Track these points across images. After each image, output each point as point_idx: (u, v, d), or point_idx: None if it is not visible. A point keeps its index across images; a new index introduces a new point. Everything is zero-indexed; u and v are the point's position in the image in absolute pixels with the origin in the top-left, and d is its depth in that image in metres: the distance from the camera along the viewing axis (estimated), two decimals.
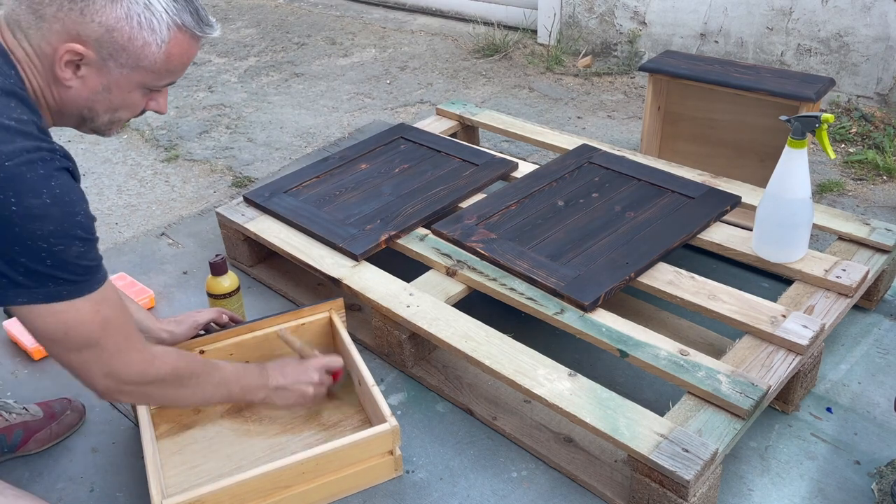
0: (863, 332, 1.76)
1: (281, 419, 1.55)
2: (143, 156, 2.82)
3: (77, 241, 1.03)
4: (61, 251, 1.01)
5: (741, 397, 1.33)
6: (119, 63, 1.07)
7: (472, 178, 2.04)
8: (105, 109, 1.12)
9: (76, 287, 1.06)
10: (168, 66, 1.11)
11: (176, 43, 1.10)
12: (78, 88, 1.08)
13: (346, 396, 1.60)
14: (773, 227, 1.64)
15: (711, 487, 1.29)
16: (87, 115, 1.13)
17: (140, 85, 1.12)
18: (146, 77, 1.11)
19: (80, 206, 1.04)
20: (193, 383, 1.28)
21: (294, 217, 1.92)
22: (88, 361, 1.12)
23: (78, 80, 1.07)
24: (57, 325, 1.07)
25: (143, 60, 1.08)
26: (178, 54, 1.11)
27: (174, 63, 1.12)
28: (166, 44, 1.09)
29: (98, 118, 1.13)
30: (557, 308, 1.57)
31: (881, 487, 1.38)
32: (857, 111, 2.73)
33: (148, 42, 1.07)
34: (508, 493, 1.41)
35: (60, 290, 1.05)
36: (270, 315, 1.64)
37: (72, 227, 1.02)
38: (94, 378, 1.15)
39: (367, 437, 1.37)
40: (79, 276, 1.06)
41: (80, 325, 1.08)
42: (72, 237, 1.02)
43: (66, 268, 1.03)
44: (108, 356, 1.13)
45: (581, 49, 3.51)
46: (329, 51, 3.81)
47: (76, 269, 1.05)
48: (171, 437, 1.51)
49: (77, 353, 1.11)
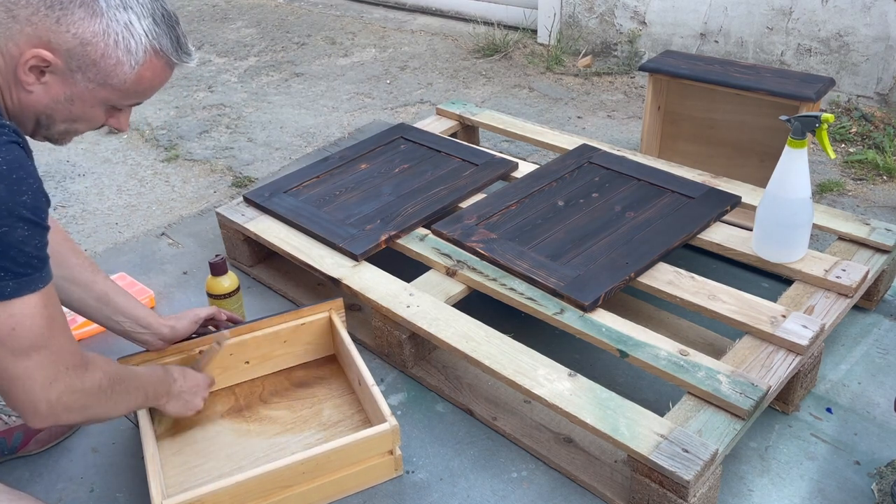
0: (863, 332, 1.76)
1: (281, 419, 1.55)
2: (143, 156, 2.82)
3: (21, 222, 0.96)
4: (4, 234, 0.94)
5: (741, 397, 1.33)
6: (87, 77, 1.04)
7: (472, 178, 2.04)
8: (63, 119, 1.09)
9: (22, 283, 0.99)
10: (137, 87, 1.09)
11: (149, 67, 1.08)
12: (39, 94, 1.04)
13: (345, 396, 1.61)
14: (773, 227, 1.64)
15: (711, 488, 1.29)
16: (44, 122, 1.09)
17: (104, 101, 1.09)
18: (112, 95, 1.08)
19: (29, 183, 0.97)
20: (120, 391, 1.21)
21: (294, 217, 1.92)
22: (33, 368, 1.03)
23: (40, 86, 1.04)
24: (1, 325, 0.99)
25: (112, 79, 1.06)
26: (149, 78, 1.09)
27: (143, 86, 1.09)
28: (139, 66, 1.06)
29: (54, 126, 1.10)
30: (557, 308, 1.57)
31: (881, 487, 1.38)
32: (857, 111, 2.72)
33: (121, 62, 1.05)
34: (508, 494, 1.41)
35: (5, 287, 0.97)
36: (270, 315, 1.64)
37: (17, 207, 0.95)
38: (35, 391, 1.04)
39: (367, 436, 1.37)
40: (24, 269, 0.99)
41: (28, 325, 1.01)
42: (16, 217, 0.95)
43: (9, 255, 0.96)
44: (54, 359, 1.05)
45: (581, 49, 3.51)
46: (329, 51, 3.81)
47: (20, 258, 0.98)
48: (171, 437, 1.51)
49: (23, 359, 1.02)
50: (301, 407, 1.59)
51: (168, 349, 1.52)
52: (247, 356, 1.62)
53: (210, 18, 4.40)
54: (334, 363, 1.70)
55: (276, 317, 1.63)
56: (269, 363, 1.66)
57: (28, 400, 1.05)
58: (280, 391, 1.63)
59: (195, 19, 4.39)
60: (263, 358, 1.65)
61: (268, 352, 1.64)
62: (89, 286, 1.40)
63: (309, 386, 1.64)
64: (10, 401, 1.06)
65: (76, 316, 1.86)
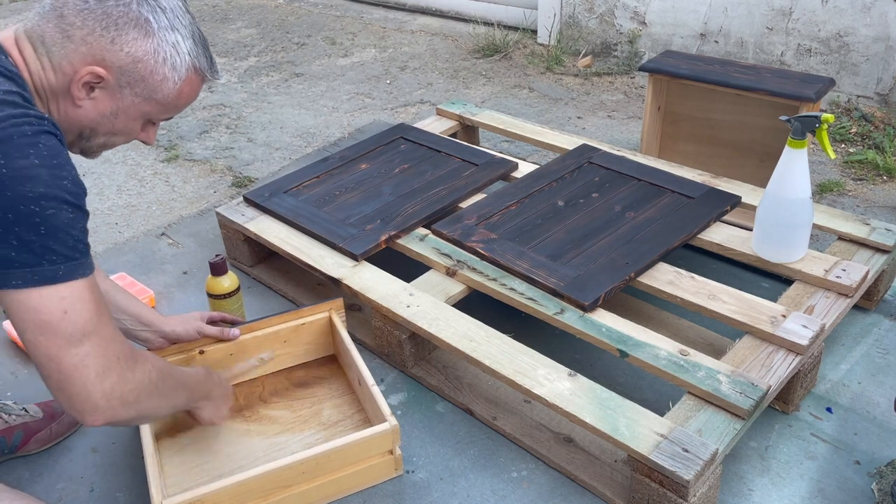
0: (863, 332, 1.76)
1: (281, 419, 1.55)
2: (143, 156, 2.82)
3: (66, 205, 1.00)
4: (52, 216, 0.98)
5: (741, 397, 1.33)
6: (135, 92, 1.11)
7: (472, 178, 2.04)
8: (105, 132, 1.15)
9: (72, 267, 1.02)
10: (177, 102, 1.16)
11: (188, 83, 1.15)
12: (87, 109, 1.10)
13: (345, 396, 1.61)
14: (773, 227, 1.64)
15: (711, 487, 1.29)
16: (86, 135, 1.14)
17: (145, 115, 1.15)
18: (154, 109, 1.15)
19: (68, 170, 1.02)
20: (169, 385, 1.22)
21: (294, 217, 1.92)
22: (86, 356, 1.03)
23: (89, 101, 1.10)
24: (53, 309, 1.00)
25: (157, 94, 1.13)
26: (188, 93, 1.17)
27: (182, 100, 1.17)
28: (181, 82, 1.14)
29: (95, 139, 1.16)
30: (557, 308, 1.57)
31: (881, 487, 1.38)
32: (857, 111, 2.73)
33: (167, 78, 1.12)
34: (508, 493, 1.41)
35: (56, 270, 1.00)
36: (270, 315, 1.64)
37: (60, 190, 0.99)
38: (91, 380, 1.04)
39: (367, 436, 1.37)
40: (73, 253, 1.02)
41: (79, 308, 1.03)
42: (60, 200, 0.99)
43: (58, 237, 0.99)
44: (105, 346, 1.06)
45: (581, 49, 3.51)
46: (329, 51, 3.81)
47: (68, 241, 1.01)
48: (171, 437, 1.51)
49: (76, 347, 1.03)
50: (301, 407, 1.59)
51: (168, 348, 1.53)
52: (247, 356, 1.62)
53: (210, 19, 4.40)
54: (334, 363, 1.70)
55: (276, 317, 1.63)
56: (268, 363, 1.66)
57: (84, 393, 1.04)
58: (280, 391, 1.63)
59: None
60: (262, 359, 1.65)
61: (267, 352, 1.65)
62: None
63: (309, 386, 1.64)
64: (64, 397, 1.04)
65: None
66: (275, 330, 1.63)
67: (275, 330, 1.63)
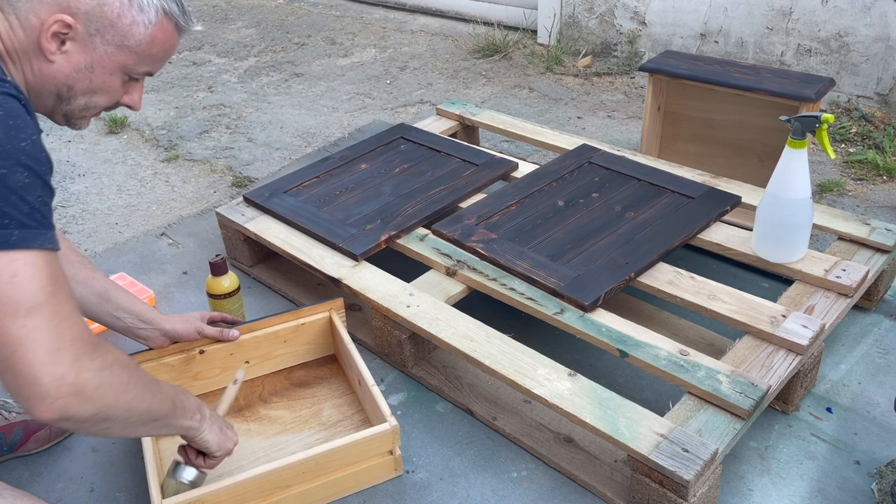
0: (863, 332, 1.76)
1: (281, 419, 1.55)
2: (143, 156, 2.82)
3: (21, 167, 0.94)
4: (4, 175, 0.92)
5: (741, 397, 1.33)
6: (105, 40, 1.08)
7: (472, 178, 2.04)
8: (84, 90, 1.11)
9: (28, 235, 0.95)
10: (151, 49, 1.12)
11: (161, 28, 1.12)
12: (60, 64, 1.07)
13: (345, 396, 1.61)
14: (773, 227, 1.64)
15: (711, 487, 1.29)
16: (65, 95, 1.10)
17: (122, 67, 1.11)
18: (129, 58, 1.11)
19: (28, 133, 0.97)
20: (139, 382, 1.08)
21: (294, 217, 1.92)
22: (34, 328, 0.93)
23: (62, 56, 1.07)
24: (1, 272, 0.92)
25: (128, 39, 1.09)
26: (162, 40, 1.13)
27: (157, 48, 1.13)
28: (152, 25, 1.10)
29: (75, 99, 1.11)
30: (557, 308, 1.57)
31: (881, 487, 1.38)
32: (857, 111, 2.73)
33: (136, 21, 1.09)
34: (508, 493, 1.41)
35: (8, 234, 0.93)
36: (270, 315, 1.64)
37: (15, 151, 0.94)
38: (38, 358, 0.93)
39: (367, 436, 1.37)
40: (28, 221, 0.95)
41: (30, 275, 0.94)
42: (14, 161, 0.94)
43: (9, 199, 0.93)
44: (58, 322, 0.95)
45: (581, 49, 3.51)
46: (329, 51, 3.81)
47: (22, 206, 0.94)
48: (171, 437, 1.51)
49: (23, 318, 0.92)
50: (301, 407, 1.59)
51: (168, 348, 1.53)
52: (247, 356, 1.62)
53: (210, 19, 4.40)
54: (334, 363, 1.70)
55: (276, 317, 1.63)
56: (269, 363, 1.66)
57: (31, 374, 0.92)
58: (280, 391, 1.63)
59: (195, 19, 4.38)
60: (263, 358, 1.65)
61: (268, 352, 1.64)
62: (89, 283, 1.40)
63: (309, 386, 1.64)
64: (11, 377, 0.93)
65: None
66: (274, 330, 1.63)
67: (274, 330, 1.63)
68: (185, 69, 3.66)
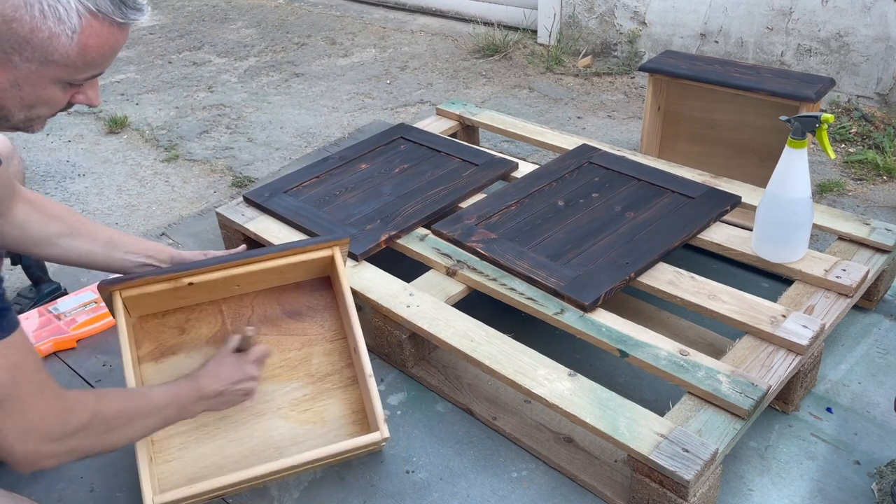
0: (863, 332, 1.76)
1: (267, 365, 1.49)
2: (143, 156, 2.82)
3: None
4: None
5: (741, 397, 1.33)
6: (25, 58, 0.95)
7: (472, 178, 2.04)
8: (18, 107, 1.00)
9: None
10: (85, 58, 0.98)
11: (91, 33, 0.97)
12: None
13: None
14: (773, 227, 1.64)
15: (711, 487, 1.29)
16: (2, 113, 1.01)
17: (55, 80, 0.99)
18: (60, 72, 0.98)
19: None
20: (122, 423, 1.14)
21: (294, 217, 1.92)
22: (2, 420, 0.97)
23: None
24: None
25: (52, 54, 0.95)
26: (96, 45, 0.98)
27: (92, 55, 0.99)
28: (78, 34, 0.95)
29: (12, 116, 1.01)
30: (557, 308, 1.57)
31: (881, 487, 1.38)
32: (857, 111, 2.73)
33: (55, 33, 0.94)
34: (508, 493, 1.41)
35: None
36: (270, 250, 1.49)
37: None
38: (9, 442, 0.98)
39: (360, 444, 1.36)
40: None
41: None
42: None
43: None
44: (22, 409, 0.98)
45: (581, 49, 3.51)
46: (329, 51, 3.81)
47: None
48: (171, 438, 1.50)
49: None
50: (290, 346, 1.52)
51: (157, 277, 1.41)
52: (253, 286, 1.53)
53: (210, 19, 4.40)
54: (328, 289, 1.59)
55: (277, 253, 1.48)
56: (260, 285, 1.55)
57: (4, 447, 1.00)
58: (270, 318, 1.54)
59: (195, 19, 4.39)
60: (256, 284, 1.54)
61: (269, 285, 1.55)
62: (94, 235, 1.42)
63: (301, 318, 1.55)
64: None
65: (75, 317, 1.87)
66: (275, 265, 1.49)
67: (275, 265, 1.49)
68: (185, 69, 3.66)
